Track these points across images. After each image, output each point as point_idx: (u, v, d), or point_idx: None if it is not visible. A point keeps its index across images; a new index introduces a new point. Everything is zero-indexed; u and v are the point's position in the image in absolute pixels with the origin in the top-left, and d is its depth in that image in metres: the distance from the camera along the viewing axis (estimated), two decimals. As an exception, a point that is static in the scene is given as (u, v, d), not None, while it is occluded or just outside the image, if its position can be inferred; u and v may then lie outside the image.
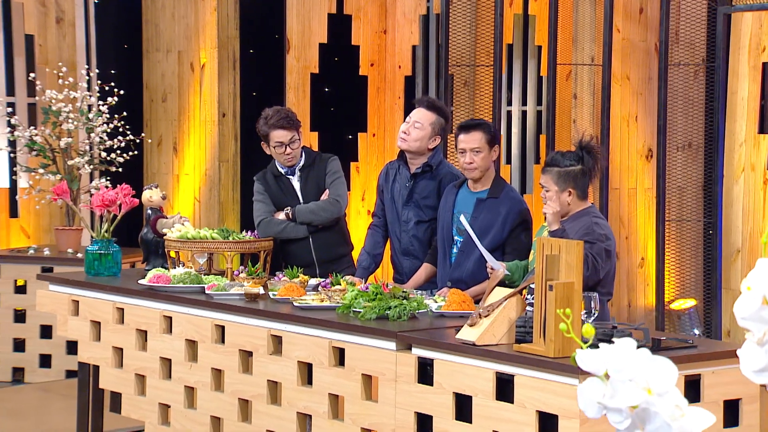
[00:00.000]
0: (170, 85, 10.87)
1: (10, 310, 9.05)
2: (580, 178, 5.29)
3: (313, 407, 5.06)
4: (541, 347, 4.33)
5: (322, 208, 6.37)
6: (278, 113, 6.31)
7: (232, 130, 10.75)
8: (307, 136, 10.67)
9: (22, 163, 9.59)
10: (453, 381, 4.53)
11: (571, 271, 4.34)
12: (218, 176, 10.68)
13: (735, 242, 9.23)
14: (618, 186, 9.67)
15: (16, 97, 10.27)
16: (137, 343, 5.92)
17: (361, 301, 5.11)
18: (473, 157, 5.76)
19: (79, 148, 9.35)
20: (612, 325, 4.59)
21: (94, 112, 9.30)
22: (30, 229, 10.31)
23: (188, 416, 5.65)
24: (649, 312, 9.81)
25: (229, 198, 10.78)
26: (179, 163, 10.94)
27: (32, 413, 7.60)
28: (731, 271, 9.22)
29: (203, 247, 6.09)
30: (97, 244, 6.40)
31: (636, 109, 9.83)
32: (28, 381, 8.98)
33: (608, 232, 5.27)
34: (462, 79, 10.09)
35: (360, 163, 10.94)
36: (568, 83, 9.87)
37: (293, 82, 10.56)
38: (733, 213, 9.23)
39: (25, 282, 9.02)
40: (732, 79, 9.25)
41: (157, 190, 6.63)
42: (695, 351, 4.50)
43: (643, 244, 9.86)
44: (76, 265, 8.76)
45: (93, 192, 9.40)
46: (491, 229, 5.78)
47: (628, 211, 9.80)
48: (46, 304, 6.50)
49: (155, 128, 11.14)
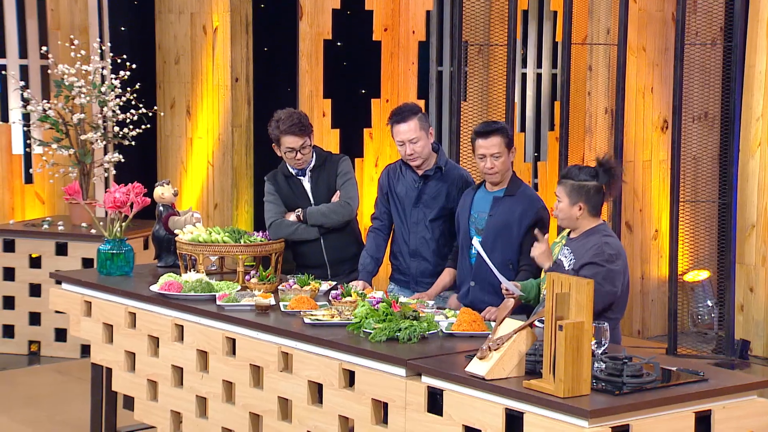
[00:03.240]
0: (183, 48, 10.79)
1: (26, 284, 9.09)
2: (593, 194, 5.26)
3: (324, 427, 5.08)
4: (551, 385, 4.33)
5: (333, 211, 6.35)
6: (290, 118, 6.26)
7: (245, 95, 10.69)
8: (320, 103, 10.62)
9: (36, 137, 9.58)
10: (463, 413, 4.53)
11: (581, 310, 4.32)
12: (231, 141, 10.64)
13: (750, 217, 9.19)
14: (632, 159, 9.62)
15: (29, 59, 10.23)
16: (149, 349, 5.94)
17: (371, 321, 5.10)
18: (494, 162, 5.76)
19: (92, 121, 9.32)
20: (623, 358, 4.57)
21: (106, 85, 9.25)
22: (44, 195, 10.32)
23: (200, 426, 5.68)
24: (663, 284, 9.81)
25: (243, 163, 10.75)
26: (192, 127, 10.90)
27: (47, 401, 7.65)
28: (745, 246, 9.19)
29: (214, 251, 6.08)
30: (109, 243, 6.40)
31: (652, 81, 9.74)
32: (44, 354, 9.05)
33: (619, 250, 5.24)
34: (476, 44, 9.99)
35: (373, 129, 10.89)
36: (584, 49, 9.77)
37: (306, 49, 10.48)
38: (749, 188, 9.18)
39: (39, 256, 9.05)
40: (750, 52, 9.15)
41: (168, 187, 6.61)
42: (706, 385, 4.48)
43: (657, 216, 9.83)
44: (89, 241, 8.80)
45: (106, 165, 9.41)
46: (508, 227, 5.79)
47: (643, 183, 9.75)
48: (58, 303, 6.51)
49: (168, 90, 11.09)
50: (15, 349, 9.16)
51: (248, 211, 10.81)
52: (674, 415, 4.35)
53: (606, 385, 4.40)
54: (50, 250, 9.00)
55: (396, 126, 6.11)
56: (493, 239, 5.69)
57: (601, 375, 4.48)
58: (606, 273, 5.14)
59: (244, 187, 10.76)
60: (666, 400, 4.34)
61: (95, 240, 8.50)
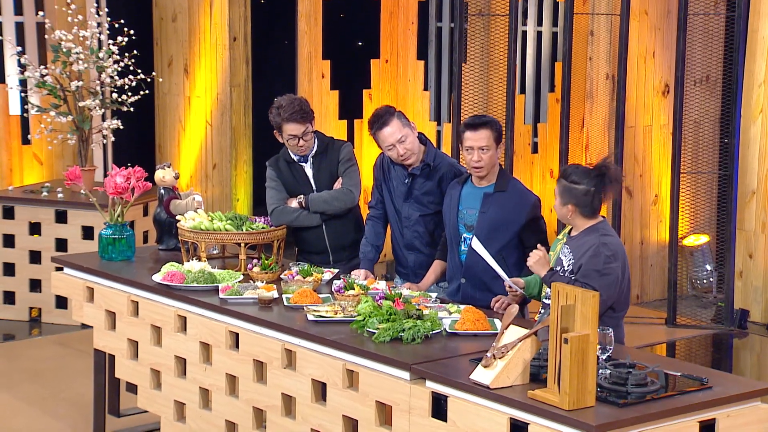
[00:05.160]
0: (180, 5, 10.70)
1: (26, 251, 9.09)
2: (582, 197, 5.21)
3: (328, 426, 5.10)
4: (556, 397, 4.34)
5: (336, 198, 6.33)
6: (291, 105, 6.21)
7: (243, 55, 10.62)
8: (319, 64, 10.55)
9: (33, 102, 9.51)
10: (467, 420, 4.55)
11: (586, 322, 4.32)
12: (230, 101, 10.58)
13: (750, 184, 9.18)
14: (633, 124, 9.59)
15: (24, 16, 10.14)
16: (152, 338, 5.95)
17: (374, 321, 5.10)
18: (481, 155, 5.71)
19: (90, 87, 9.26)
20: (627, 365, 4.58)
21: (104, 51, 9.18)
22: (42, 156, 10.28)
23: (204, 417, 5.71)
24: (662, 249, 9.82)
25: (241, 123, 10.70)
26: (190, 86, 10.84)
27: (50, 376, 7.67)
28: (745, 212, 9.19)
29: (217, 239, 6.07)
30: (110, 228, 6.38)
31: (654, 45, 9.67)
32: (45, 321, 9.07)
33: (617, 250, 5.21)
34: (476, 3, 9.89)
35: (373, 90, 10.83)
36: (585, 6, 9.68)
37: (305, 9, 10.40)
38: (750, 154, 9.16)
39: (39, 223, 9.03)
40: (753, 18, 9.08)
41: (169, 170, 6.58)
42: (710, 394, 4.49)
43: (657, 181, 9.82)
44: (88, 209, 8.78)
45: (104, 132, 9.37)
46: (502, 224, 5.75)
47: (643, 148, 9.72)
48: (60, 287, 6.51)
49: (165, 48, 11.01)
50: (16, 315, 9.18)
51: (247, 171, 10.78)
52: (679, 426, 4.36)
53: (611, 395, 4.41)
54: (50, 217, 8.98)
55: (380, 132, 5.99)
56: (486, 236, 5.66)
57: (605, 383, 4.49)
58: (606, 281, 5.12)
59: (243, 147, 10.73)
60: (670, 411, 4.35)
61: (95, 208, 8.46)
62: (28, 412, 7.00)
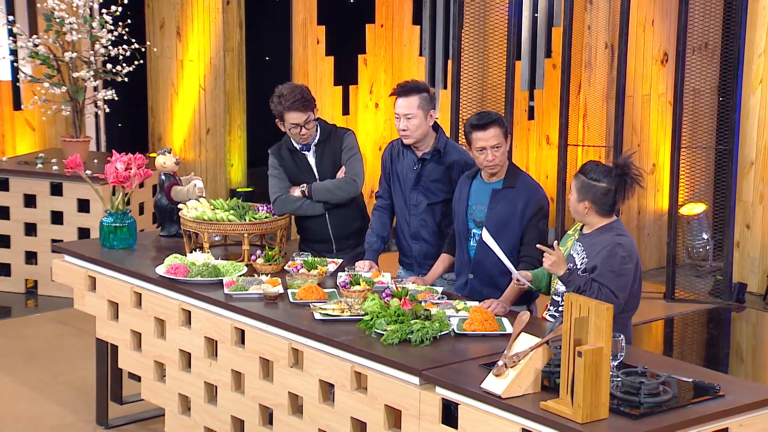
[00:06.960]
0: (172, -34, 10.58)
1: (21, 223, 9.03)
2: (600, 195, 5.15)
3: (335, 427, 5.08)
4: (569, 409, 4.33)
5: (339, 187, 6.27)
6: (293, 94, 6.12)
7: (237, 18, 10.51)
8: (314, 30, 10.44)
9: (26, 72, 9.40)
10: (478, 429, 4.53)
11: (600, 335, 4.30)
12: (223, 65, 10.49)
13: (749, 154, 9.15)
14: (632, 93, 9.52)
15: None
16: (156, 331, 5.91)
17: (383, 322, 5.07)
18: (494, 154, 5.66)
19: (83, 56, 9.14)
20: (639, 373, 4.57)
21: (98, 21, 9.05)
22: (35, 122, 10.18)
23: (209, 412, 5.69)
24: (659, 217, 9.80)
25: (235, 87, 10.61)
26: (183, 49, 10.73)
27: (49, 357, 7.63)
28: (744, 183, 9.17)
29: (219, 229, 6.02)
30: (111, 216, 6.32)
31: (653, 13, 9.59)
32: (42, 293, 9.03)
33: (631, 251, 5.17)
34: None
35: (368, 55, 10.73)
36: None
37: (299, -26, 10.26)
38: (749, 125, 9.12)
39: (34, 195, 8.97)
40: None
41: (170, 156, 6.52)
42: (723, 402, 4.48)
43: (654, 150, 9.78)
44: (83, 182, 8.68)
45: (98, 102, 9.26)
46: (510, 220, 5.71)
47: (641, 117, 9.67)
48: (61, 275, 6.46)
49: (157, 10, 10.89)
50: (12, 287, 9.14)
51: (241, 137, 10.71)
52: (691, 437, 4.37)
53: (623, 405, 4.40)
54: (45, 189, 8.92)
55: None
56: (495, 232, 5.62)
57: (617, 392, 4.48)
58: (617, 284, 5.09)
59: (237, 112, 10.64)
60: (684, 423, 4.34)
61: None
62: (29, 396, 6.98)
